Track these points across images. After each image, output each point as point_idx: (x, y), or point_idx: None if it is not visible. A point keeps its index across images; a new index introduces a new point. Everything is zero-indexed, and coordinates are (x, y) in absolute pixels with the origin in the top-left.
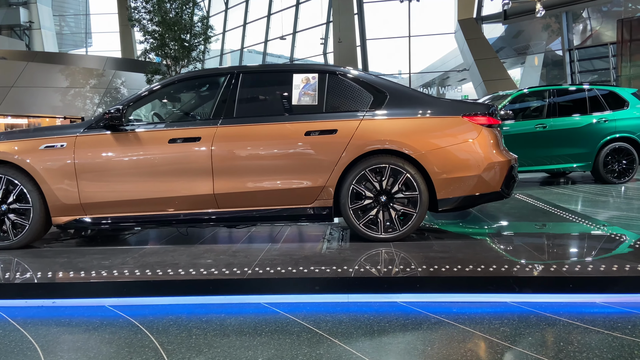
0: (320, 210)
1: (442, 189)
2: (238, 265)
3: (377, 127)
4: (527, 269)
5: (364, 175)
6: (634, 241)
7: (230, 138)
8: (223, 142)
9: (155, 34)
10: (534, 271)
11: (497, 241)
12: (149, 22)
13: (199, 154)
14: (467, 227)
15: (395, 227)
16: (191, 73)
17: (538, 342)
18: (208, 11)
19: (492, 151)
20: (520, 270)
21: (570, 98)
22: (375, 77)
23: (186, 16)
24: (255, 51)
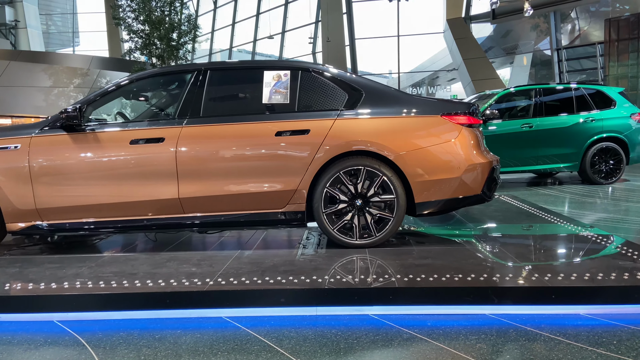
0: (293, 214)
1: (420, 192)
2: (200, 276)
3: (352, 127)
4: (507, 278)
5: (338, 178)
6: (619, 246)
7: (196, 139)
8: (188, 143)
9: (141, 33)
10: (514, 281)
11: (478, 247)
12: (134, 20)
13: (162, 156)
14: (450, 230)
15: (371, 232)
16: (156, 70)
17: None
18: (197, 10)
19: (473, 152)
20: (500, 280)
21: (556, 97)
22: (351, 75)
23: (172, 14)
24: (245, 51)
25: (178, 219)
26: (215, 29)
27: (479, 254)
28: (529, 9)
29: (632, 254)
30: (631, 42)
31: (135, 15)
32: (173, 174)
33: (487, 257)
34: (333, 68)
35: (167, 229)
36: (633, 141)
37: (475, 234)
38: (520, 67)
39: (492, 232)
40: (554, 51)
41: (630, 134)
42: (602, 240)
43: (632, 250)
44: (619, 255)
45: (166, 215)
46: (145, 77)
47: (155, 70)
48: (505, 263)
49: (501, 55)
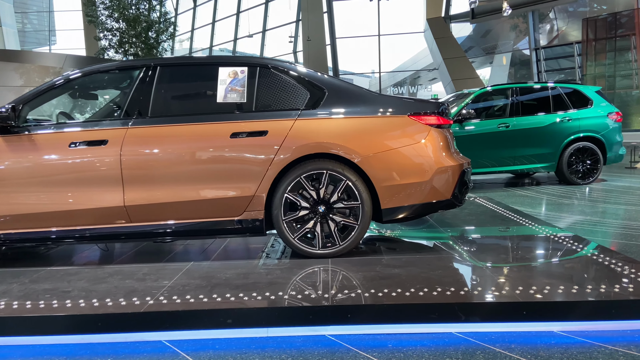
0: (250, 222)
1: (386, 197)
2: (141, 294)
3: (314, 128)
4: (475, 292)
5: (299, 183)
6: (596, 253)
7: (143, 141)
8: (134, 146)
9: (115, 31)
10: (483, 295)
11: (448, 254)
12: (108, 18)
13: (105, 160)
14: (422, 235)
15: (335, 241)
16: (101, 66)
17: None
18: (176, 8)
19: (442, 154)
20: (468, 294)
21: (533, 96)
22: (313, 72)
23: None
24: (227, 50)
25: (124, 229)
26: (195, 28)
27: (448, 263)
28: (507, 9)
29: (609, 263)
30: (608, 42)
31: (110, 12)
32: (117, 179)
33: (457, 267)
34: (294, 64)
35: (112, 239)
36: (610, 141)
37: (447, 240)
38: (499, 67)
39: (465, 237)
40: (532, 51)
41: (607, 134)
42: (577, 247)
43: (609, 257)
44: (595, 263)
45: (111, 225)
46: (88, 73)
47: (99, 66)
48: (474, 274)
49: (481, 55)
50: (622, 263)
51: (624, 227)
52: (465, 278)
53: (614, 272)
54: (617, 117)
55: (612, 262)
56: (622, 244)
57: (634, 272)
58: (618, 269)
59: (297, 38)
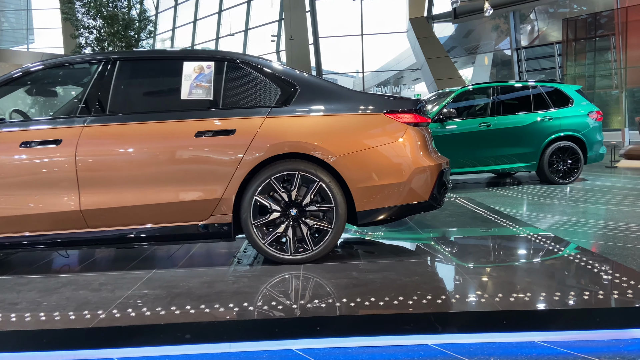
0: (218, 227)
1: (361, 199)
2: (93, 306)
3: (285, 126)
4: (453, 301)
5: (270, 185)
6: (579, 256)
7: (101, 140)
8: (91, 146)
9: (92, 29)
10: (461, 303)
11: (427, 258)
12: (85, 15)
13: (59, 161)
14: (402, 237)
15: (307, 246)
16: (57, 59)
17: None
18: (157, 7)
19: (420, 154)
20: (445, 303)
21: (514, 95)
22: (284, 67)
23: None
24: (209, 49)
25: (80, 235)
26: (176, 27)
27: (426, 267)
28: (489, 9)
29: (593, 267)
30: (588, 42)
31: (86, 9)
32: (73, 181)
33: (435, 273)
34: (264, 59)
35: (69, 246)
36: (590, 140)
37: (427, 242)
38: (481, 67)
39: (444, 240)
40: (513, 51)
41: (588, 133)
42: (559, 250)
43: (592, 261)
44: (578, 268)
45: (66, 231)
46: (46, 67)
47: (58, 60)
48: (453, 280)
49: (463, 55)
50: (605, 267)
51: (606, 227)
52: (443, 284)
53: (597, 277)
54: (597, 116)
55: (595, 265)
56: (605, 246)
57: (618, 276)
58: (602, 274)
59: (279, 37)
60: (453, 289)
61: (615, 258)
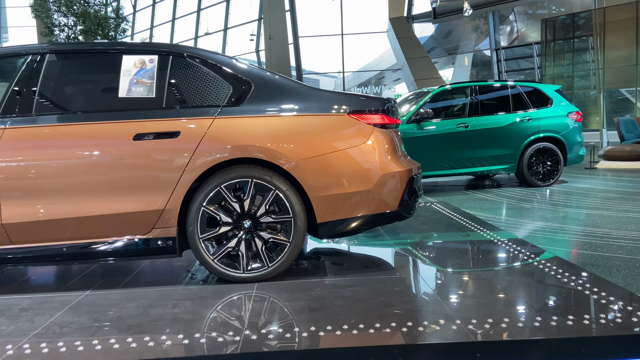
0: (161, 242)
1: (322, 209)
2: (3, 340)
3: (237, 128)
4: (420, 329)
5: (219, 194)
6: (561, 271)
7: (24, 144)
8: (13, 150)
9: (63, 26)
10: (429, 333)
11: (395, 275)
12: (56, 12)
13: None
14: (374, 246)
15: (263, 262)
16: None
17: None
18: (134, 5)
19: (388, 158)
20: (411, 331)
21: (493, 95)
22: (237, 62)
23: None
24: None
25: (3, 252)
26: (154, 25)
27: (395, 285)
28: (468, 9)
29: (577, 284)
30: (566, 43)
31: (57, 6)
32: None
33: (402, 291)
34: (215, 53)
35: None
36: (570, 141)
37: (397, 253)
38: (461, 67)
39: (416, 250)
40: (493, 51)
41: (568, 134)
42: (540, 264)
43: (576, 277)
44: (561, 286)
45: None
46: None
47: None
48: (422, 301)
49: (443, 55)
50: (590, 284)
51: (588, 234)
52: (411, 307)
53: (582, 296)
54: (577, 117)
55: (579, 282)
56: (587, 255)
57: (604, 295)
58: (586, 292)
59: (259, 37)
60: (421, 313)
61: (599, 270)
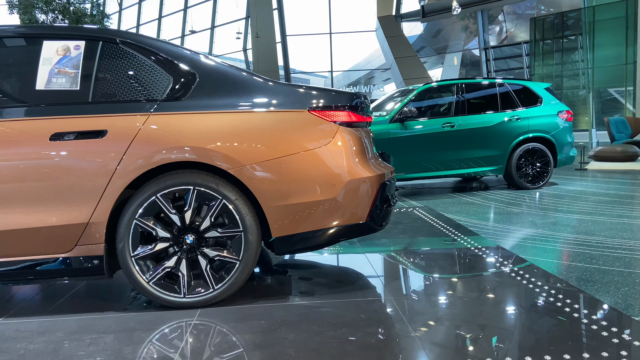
0: (85, 261)
1: (278, 222)
2: None
3: (176, 126)
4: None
5: (155, 204)
6: (554, 292)
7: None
8: None
9: (42, 23)
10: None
11: (366, 297)
12: (34, 8)
13: None
14: (347, 254)
15: (208, 284)
16: None
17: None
18: (120, 3)
19: (355, 162)
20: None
21: (480, 94)
22: (181, 49)
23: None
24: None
25: None
26: (140, 24)
27: (361, 312)
28: (457, 7)
29: (572, 310)
30: (555, 42)
31: (34, 2)
32: None
33: (368, 320)
34: (154, 39)
35: None
36: (560, 141)
37: (373, 264)
38: (450, 67)
39: (392, 264)
40: (482, 50)
41: (558, 134)
42: (531, 282)
43: (571, 300)
44: (554, 311)
45: None
46: None
47: None
48: (392, 337)
49: (432, 54)
50: (589, 311)
51: (581, 243)
52: (374, 344)
53: (576, 327)
54: (567, 116)
55: (574, 307)
56: (582, 269)
57: (605, 325)
58: (584, 320)
59: (246, 35)
60: (392, 345)
61: (595, 287)
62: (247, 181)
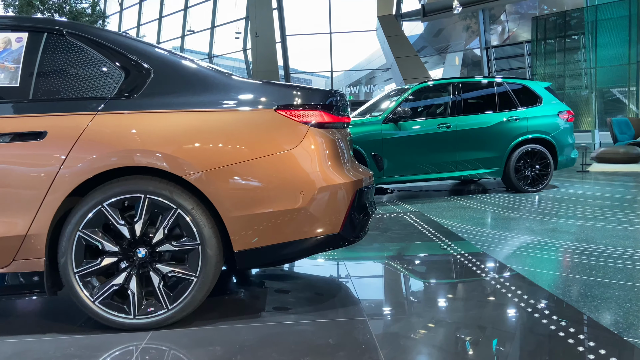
0: (23, 278)
1: (240, 233)
2: None
3: (126, 126)
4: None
5: (102, 214)
6: (555, 318)
7: None
8: None
9: None
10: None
11: (338, 317)
12: (28, 6)
13: None
14: (329, 263)
15: (161, 303)
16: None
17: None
18: (121, 3)
19: (327, 166)
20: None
21: (478, 93)
22: (134, 42)
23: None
24: (174, 47)
25: None
26: (141, 24)
27: (328, 335)
28: (457, 6)
29: (573, 338)
30: (558, 41)
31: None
32: None
33: (339, 344)
34: (105, 30)
35: None
36: (561, 143)
37: (356, 276)
38: (452, 67)
39: (375, 277)
40: (483, 50)
41: (558, 135)
42: (527, 303)
43: (575, 328)
44: (554, 339)
45: None
46: None
47: None
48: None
49: (433, 54)
50: (591, 340)
51: (581, 252)
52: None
53: (560, 348)
54: (568, 117)
55: (578, 336)
56: (580, 282)
57: (604, 353)
58: (570, 341)
59: (246, 35)
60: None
61: (595, 304)
62: (205, 188)
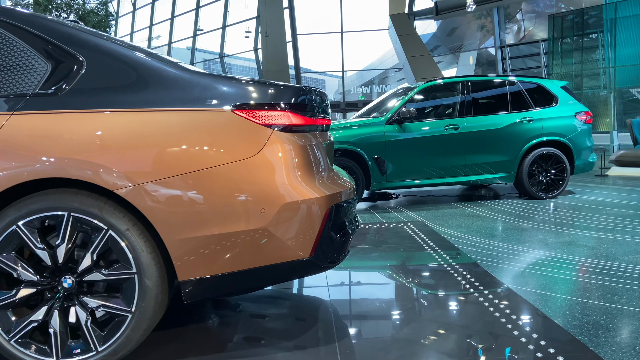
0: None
1: (185, 260)
2: None
3: (48, 130)
4: None
5: (16, 236)
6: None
7: None
8: None
9: None
10: None
11: (316, 346)
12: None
13: None
14: (316, 282)
15: (89, 343)
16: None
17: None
18: (134, 3)
19: (295, 178)
20: None
21: (489, 93)
22: (65, 27)
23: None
24: (187, 47)
25: None
26: (153, 24)
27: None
28: (471, 4)
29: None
30: (575, 40)
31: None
32: None
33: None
34: (28, 13)
35: None
36: (578, 146)
37: (338, 300)
38: (466, 66)
39: (361, 303)
40: (497, 49)
41: (575, 137)
42: (535, 343)
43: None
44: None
45: None
46: None
47: None
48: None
49: (446, 53)
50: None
51: (600, 272)
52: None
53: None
54: (586, 118)
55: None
56: (601, 311)
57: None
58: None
59: (257, 34)
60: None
61: (617, 339)
62: (143, 205)
